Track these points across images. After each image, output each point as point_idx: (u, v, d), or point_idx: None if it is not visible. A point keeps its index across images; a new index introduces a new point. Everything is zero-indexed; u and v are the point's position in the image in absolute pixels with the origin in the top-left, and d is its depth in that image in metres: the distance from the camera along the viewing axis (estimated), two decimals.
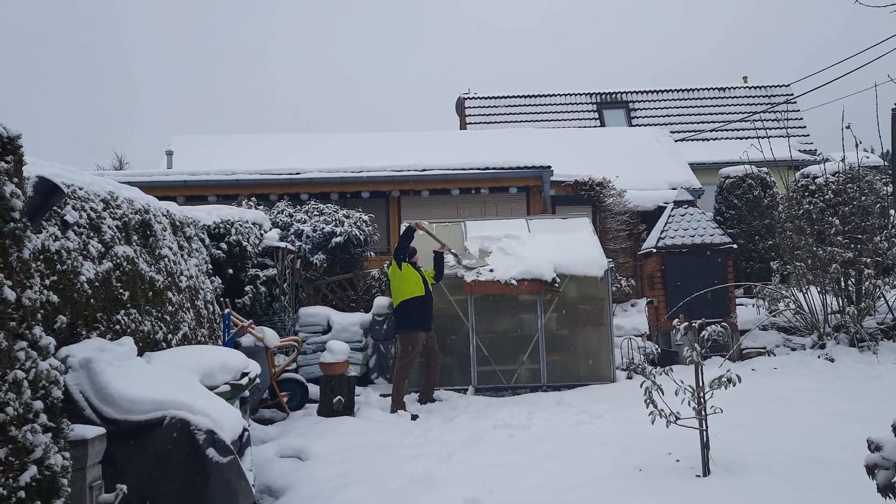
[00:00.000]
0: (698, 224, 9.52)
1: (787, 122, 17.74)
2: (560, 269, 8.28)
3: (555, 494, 4.30)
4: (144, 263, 4.52)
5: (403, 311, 7.56)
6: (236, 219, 7.74)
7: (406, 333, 7.57)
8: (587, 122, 22.89)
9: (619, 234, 13.57)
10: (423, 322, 7.54)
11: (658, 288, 9.43)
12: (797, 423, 5.43)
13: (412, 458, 5.38)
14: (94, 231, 3.97)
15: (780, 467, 4.42)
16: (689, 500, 4.03)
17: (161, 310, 4.64)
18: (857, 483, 3.90)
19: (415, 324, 7.51)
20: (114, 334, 3.86)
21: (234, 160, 14.11)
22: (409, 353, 7.51)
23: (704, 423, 4.48)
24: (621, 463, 4.76)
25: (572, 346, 8.46)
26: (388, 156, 14.22)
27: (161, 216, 5.21)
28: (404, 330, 7.59)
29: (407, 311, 7.54)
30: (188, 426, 3.48)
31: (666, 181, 15.21)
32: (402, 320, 7.60)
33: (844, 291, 8.75)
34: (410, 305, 7.52)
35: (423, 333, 7.56)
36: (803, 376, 7.27)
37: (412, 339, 7.52)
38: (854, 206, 8.78)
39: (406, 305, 7.53)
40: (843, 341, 8.29)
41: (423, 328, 7.56)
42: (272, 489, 5.15)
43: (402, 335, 7.62)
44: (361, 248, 10.61)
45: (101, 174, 5.30)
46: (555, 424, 6.26)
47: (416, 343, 7.51)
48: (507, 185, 13.17)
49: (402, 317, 7.59)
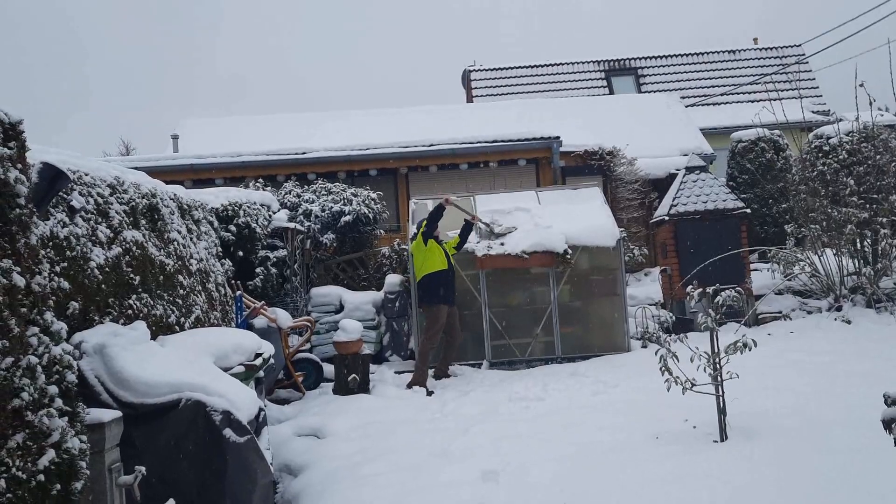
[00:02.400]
0: (711, 190, 9.41)
1: (799, 82, 17.46)
2: (571, 240, 8.23)
3: (572, 464, 4.30)
4: (154, 247, 4.52)
5: (426, 284, 7.59)
6: (244, 200, 7.73)
7: (430, 307, 7.61)
8: (595, 90, 22.63)
9: (631, 203, 13.46)
10: (446, 296, 7.57)
11: (671, 256, 9.36)
12: (814, 386, 5.40)
13: (429, 433, 5.41)
14: (102, 216, 3.96)
15: (797, 430, 4.39)
16: (706, 465, 4.01)
17: (172, 293, 4.65)
18: (877, 443, 3.87)
19: (438, 297, 7.54)
20: (126, 319, 3.87)
21: (241, 142, 14.08)
22: (433, 327, 7.54)
23: (720, 389, 4.45)
24: (638, 431, 4.75)
25: (586, 317, 8.44)
26: (395, 132, 14.15)
27: (168, 200, 5.20)
28: (427, 304, 7.62)
29: (429, 284, 7.57)
30: (204, 407, 3.49)
31: (677, 148, 15.05)
32: (425, 294, 7.64)
33: (860, 252, 8.65)
34: (433, 278, 7.54)
35: (445, 307, 7.58)
36: (820, 339, 7.21)
37: (436, 312, 7.55)
38: (869, 165, 8.64)
39: (430, 278, 7.56)
40: (860, 303, 8.22)
41: (446, 301, 7.58)
42: (291, 467, 5.19)
43: (427, 309, 7.66)
44: (371, 227, 10.59)
45: (108, 160, 5.29)
46: (570, 395, 6.26)
47: (440, 316, 7.55)
48: (516, 157, 13.07)
49: (425, 291, 7.63)
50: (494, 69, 23.60)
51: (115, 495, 2.66)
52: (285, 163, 12.40)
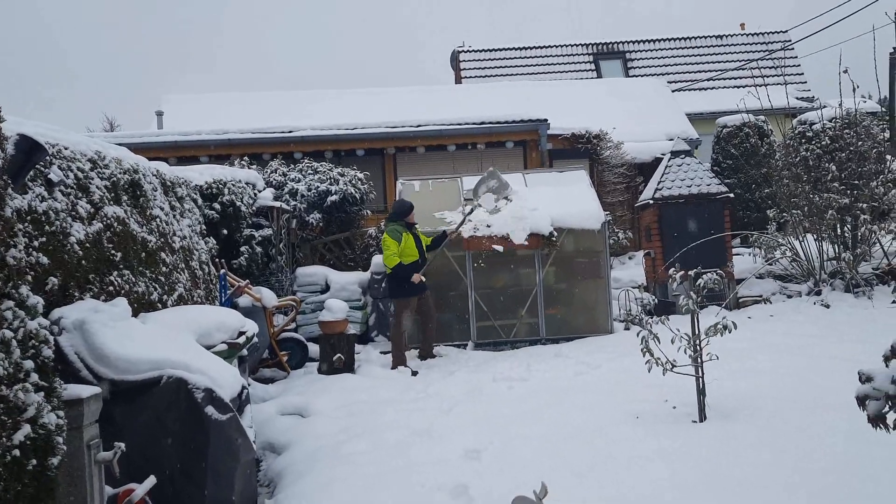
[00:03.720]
0: (695, 174, 9.45)
1: (785, 68, 17.52)
2: (557, 222, 8.25)
3: (554, 443, 4.34)
4: (136, 224, 4.48)
5: (395, 277, 7.52)
6: (229, 178, 7.67)
7: (398, 300, 7.58)
8: (584, 73, 22.59)
9: (617, 186, 13.49)
10: (413, 287, 7.52)
11: (655, 239, 9.41)
12: (792, 368, 5.47)
13: (413, 412, 5.43)
14: (82, 191, 3.92)
15: (775, 411, 4.46)
16: (685, 444, 4.07)
17: (155, 271, 4.61)
18: (851, 426, 3.94)
19: (407, 290, 7.49)
20: (107, 296, 3.84)
21: (226, 119, 13.93)
22: (401, 316, 7.53)
23: (700, 370, 4.51)
24: (619, 411, 4.80)
25: (570, 299, 8.48)
26: (383, 112, 14.05)
27: (151, 176, 5.15)
28: (397, 297, 7.59)
29: (398, 277, 7.49)
30: (186, 385, 3.49)
31: (663, 132, 15.08)
32: (393, 287, 7.60)
33: (840, 238, 8.74)
34: (403, 271, 7.44)
35: (415, 298, 7.56)
36: (799, 322, 7.30)
37: (405, 304, 7.54)
38: (851, 151, 8.70)
39: (399, 271, 7.46)
40: (839, 287, 8.32)
41: (416, 293, 7.55)
42: (274, 446, 5.21)
43: (395, 301, 7.63)
44: (358, 207, 10.55)
45: (92, 136, 5.20)
46: (553, 376, 6.30)
47: (408, 306, 7.53)
48: (504, 139, 13.04)
49: (394, 283, 7.58)
50: (483, 51, 23.47)
51: (93, 472, 2.65)
52: (271, 141, 12.29)
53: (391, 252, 7.42)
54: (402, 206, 7.70)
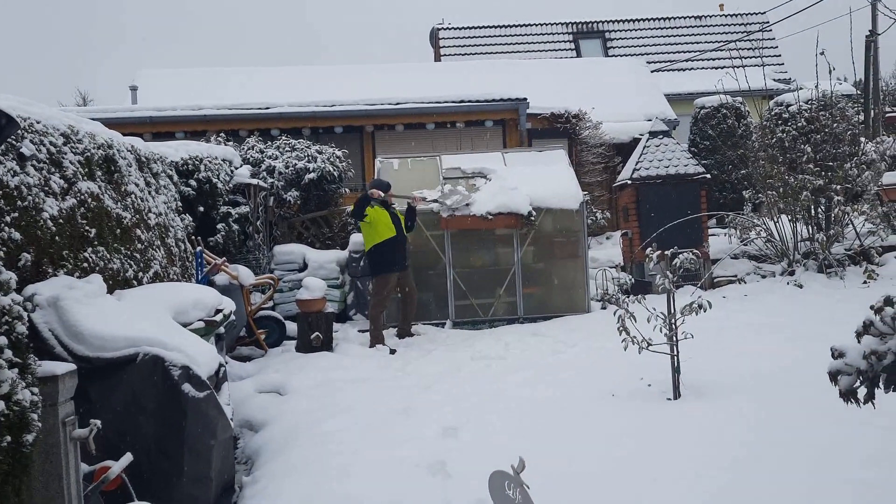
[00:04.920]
0: (673, 154, 9.51)
1: (762, 50, 17.61)
2: (536, 202, 8.27)
3: (531, 420, 4.39)
4: (110, 200, 4.41)
5: (376, 256, 7.47)
6: (205, 155, 7.57)
7: (378, 277, 7.55)
8: (563, 52, 22.54)
9: (595, 166, 13.55)
10: (394, 264, 7.49)
11: (633, 219, 9.48)
12: (765, 347, 5.57)
13: (391, 390, 5.46)
14: (55, 166, 3.84)
15: (748, 389, 4.55)
16: (659, 420, 4.14)
17: (130, 247, 4.56)
18: (822, 402, 4.03)
19: (387, 266, 7.46)
20: (81, 272, 3.79)
21: (202, 95, 13.72)
22: (381, 293, 7.49)
23: (675, 349, 4.58)
24: (595, 389, 4.87)
25: (548, 278, 8.53)
26: (362, 89, 13.91)
27: (126, 151, 5.06)
28: (376, 275, 7.55)
29: (380, 255, 7.45)
30: (162, 362, 3.47)
31: (642, 113, 15.13)
32: (374, 265, 7.53)
33: (814, 219, 8.87)
34: (382, 249, 7.42)
35: (394, 275, 7.53)
36: (772, 302, 7.42)
37: (384, 280, 7.50)
38: (826, 133, 8.80)
39: (378, 250, 7.44)
40: (812, 268, 8.46)
41: (395, 269, 7.53)
42: (252, 423, 5.20)
43: (375, 277, 7.59)
44: (336, 185, 10.48)
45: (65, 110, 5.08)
46: (531, 355, 6.36)
47: (387, 284, 7.49)
48: (483, 118, 13.00)
49: (374, 262, 7.52)
50: (463, 28, 23.29)
51: (69, 449, 2.64)
52: (248, 117, 12.14)
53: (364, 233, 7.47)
54: (379, 184, 7.58)
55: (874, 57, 15.61)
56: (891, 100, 20.47)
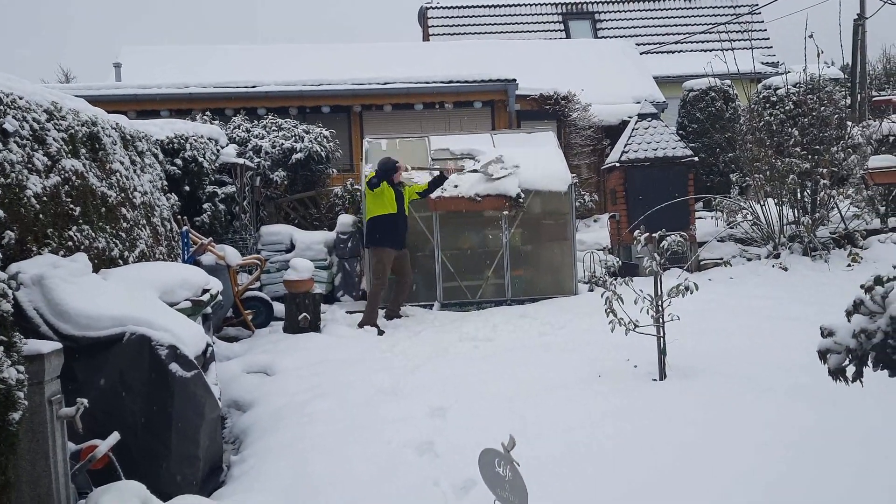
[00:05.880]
0: (661, 137, 9.51)
1: (751, 33, 17.61)
2: (525, 184, 8.26)
3: (518, 400, 4.41)
4: (95, 178, 4.36)
5: (370, 227, 7.53)
6: (191, 133, 7.49)
7: (373, 249, 7.56)
8: (553, 33, 22.43)
9: (584, 149, 13.54)
10: (390, 239, 7.48)
11: (620, 202, 9.50)
12: (750, 329, 5.62)
13: (379, 371, 5.46)
14: (39, 143, 3.79)
15: (733, 370, 4.59)
16: (645, 401, 4.18)
17: (115, 226, 4.51)
18: (805, 381, 4.09)
19: (381, 240, 7.46)
20: (66, 251, 3.74)
21: (188, 73, 13.53)
22: (380, 268, 7.48)
23: (662, 331, 4.60)
24: (582, 370, 4.90)
25: (536, 261, 8.55)
26: (349, 69, 13.78)
27: (110, 129, 4.99)
28: (371, 245, 7.56)
29: (374, 227, 7.50)
30: (149, 341, 3.45)
31: (631, 95, 15.10)
32: (369, 236, 7.57)
33: (800, 202, 8.93)
34: (378, 222, 7.46)
35: (391, 250, 7.52)
36: (757, 285, 7.48)
37: (380, 254, 7.49)
38: (813, 117, 8.84)
39: (374, 221, 7.49)
40: (797, 251, 8.52)
41: (391, 245, 7.52)
42: (240, 403, 5.20)
43: (371, 251, 7.61)
44: (323, 165, 10.41)
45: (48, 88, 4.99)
46: (519, 336, 6.38)
47: (384, 258, 7.48)
48: (472, 99, 12.94)
49: (368, 231, 7.57)
50: (452, 7, 23.07)
51: (55, 427, 2.62)
52: (235, 96, 12.00)
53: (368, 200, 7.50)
54: (387, 163, 7.51)
55: (862, 41, 15.64)
56: (877, 84, 20.58)
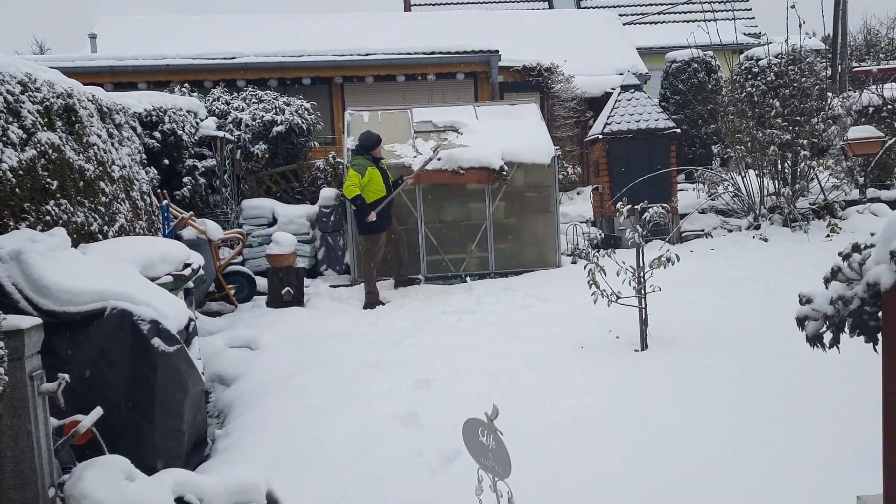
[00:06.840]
0: (644, 109, 9.50)
1: (734, 4, 17.55)
2: (508, 156, 8.23)
3: (501, 372, 4.45)
4: (72, 151, 4.28)
5: (364, 215, 7.26)
6: (169, 106, 7.37)
7: (368, 236, 7.41)
8: (536, 2, 22.22)
9: (567, 121, 13.51)
10: (385, 223, 7.40)
11: (603, 174, 9.51)
12: (731, 300, 5.69)
13: (363, 345, 5.48)
14: (13, 116, 3.71)
15: (713, 340, 4.66)
16: (626, 370, 4.23)
17: (94, 200, 4.45)
18: (785, 349, 4.15)
19: (377, 227, 7.33)
20: (44, 226, 3.69)
21: (165, 44, 13.25)
22: (372, 250, 7.38)
23: (643, 302, 4.65)
24: (565, 341, 4.94)
25: (519, 233, 8.56)
26: (330, 40, 13.59)
27: (87, 101, 4.90)
28: (367, 233, 7.39)
29: (367, 214, 7.25)
30: (131, 316, 3.42)
31: (614, 67, 15.03)
32: (364, 225, 7.32)
33: (781, 174, 8.99)
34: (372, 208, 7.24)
35: (384, 234, 7.44)
36: (738, 256, 7.55)
37: (374, 239, 7.38)
38: (794, 88, 8.86)
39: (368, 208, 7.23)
40: (777, 222, 8.60)
41: (386, 226, 7.44)
42: (223, 378, 5.20)
43: (365, 237, 7.44)
44: (305, 138, 10.31)
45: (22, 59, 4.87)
46: (502, 309, 6.41)
47: (378, 241, 7.40)
48: (455, 70, 12.82)
49: (363, 221, 7.29)
50: None
51: (37, 403, 2.60)
52: (213, 67, 11.80)
53: (352, 183, 7.14)
54: (369, 138, 7.32)
55: (843, 12, 15.68)
56: (858, 55, 20.66)
